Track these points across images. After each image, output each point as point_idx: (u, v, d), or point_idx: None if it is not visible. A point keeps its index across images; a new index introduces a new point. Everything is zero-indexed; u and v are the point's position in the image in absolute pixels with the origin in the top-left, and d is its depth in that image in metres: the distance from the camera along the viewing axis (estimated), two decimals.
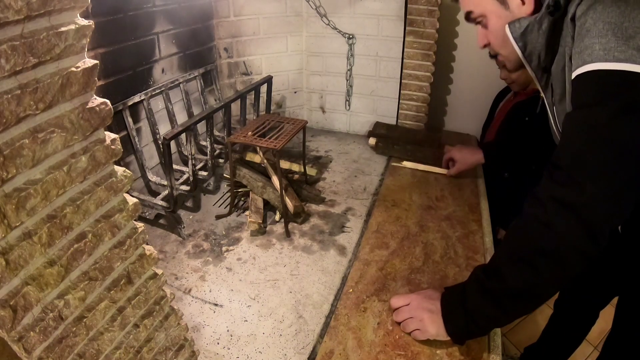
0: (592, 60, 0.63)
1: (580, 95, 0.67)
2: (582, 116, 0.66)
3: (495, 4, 0.82)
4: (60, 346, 0.46)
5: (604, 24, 0.63)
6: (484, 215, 1.19)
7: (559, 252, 0.66)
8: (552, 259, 0.66)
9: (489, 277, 0.73)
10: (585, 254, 0.65)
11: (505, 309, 0.72)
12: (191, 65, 1.37)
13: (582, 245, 0.65)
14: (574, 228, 0.64)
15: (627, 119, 0.61)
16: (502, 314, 0.73)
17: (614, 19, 0.62)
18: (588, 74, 0.64)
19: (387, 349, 0.79)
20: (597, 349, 1.78)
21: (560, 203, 0.65)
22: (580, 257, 0.66)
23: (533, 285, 0.69)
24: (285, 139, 1.11)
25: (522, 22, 0.76)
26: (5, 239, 0.39)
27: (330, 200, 1.29)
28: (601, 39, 0.62)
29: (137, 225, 0.55)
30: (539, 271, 0.67)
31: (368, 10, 1.53)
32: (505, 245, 0.76)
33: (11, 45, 0.36)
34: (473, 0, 0.85)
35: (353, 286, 0.94)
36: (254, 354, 0.80)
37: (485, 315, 0.73)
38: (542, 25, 0.74)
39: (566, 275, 0.67)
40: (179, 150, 1.36)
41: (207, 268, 1.02)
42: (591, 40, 0.64)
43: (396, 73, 1.60)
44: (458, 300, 0.76)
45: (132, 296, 0.56)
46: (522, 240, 0.71)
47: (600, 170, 0.63)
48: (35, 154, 0.40)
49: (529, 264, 0.68)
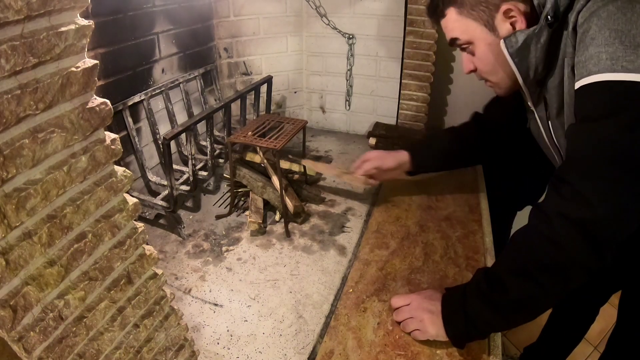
0: (599, 71, 0.60)
1: (587, 107, 0.64)
2: (590, 130, 0.63)
3: (483, 31, 0.78)
4: (60, 346, 0.46)
5: (610, 31, 0.60)
6: (484, 215, 1.19)
7: (565, 268, 0.64)
8: (557, 274, 0.65)
9: (490, 287, 0.72)
10: (591, 270, 0.64)
11: (506, 318, 0.71)
12: (191, 65, 1.37)
13: (589, 261, 0.63)
14: (581, 245, 0.62)
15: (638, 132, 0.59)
16: (503, 321, 0.72)
17: (621, 26, 0.59)
18: (595, 85, 0.61)
19: (387, 349, 0.79)
20: (597, 349, 1.78)
21: (567, 219, 0.63)
22: (585, 272, 0.64)
23: (535, 298, 0.68)
24: (285, 139, 1.11)
25: (519, 37, 0.72)
26: (5, 239, 0.39)
27: (330, 200, 1.29)
28: (608, 47, 0.60)
29: (137, 225, 0.55)
30: (542, 286, 0.66)
31: (368, 10, 1.53)
32: (509, 256, 0.74)
33: (11, 45, 0.36)
34: (459, 26, 0.81)
35: (353, 286, 0.94)
36: (254, 354, 0.80)
37: (486, 321, 0.72)
38: (540, 38, 0.71)
39: (569, 288, 0.66)
40: (179, 150, 1.36)
41: (207, 268, 1.02)
42: (597, 49, 0.61)
43: (396, 73, 1.60)
44: (458, 303, 0.76)
45: (132, 296, 0.56)
46: (526, 254, 0.69)
47: (609, 186, 0.61)
48: (35, 154, 0.40)
49: (532, 279, 0.67)
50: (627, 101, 0.59)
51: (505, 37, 0.74)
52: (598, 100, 0.62)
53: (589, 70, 0.62)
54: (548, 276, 0.66)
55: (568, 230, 0.63)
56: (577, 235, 0.62)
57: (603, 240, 0.62)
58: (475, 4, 0.78)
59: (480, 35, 0.79)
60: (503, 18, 0.76)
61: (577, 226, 0.62)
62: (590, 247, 0.62)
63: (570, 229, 0.63)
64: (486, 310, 0.72)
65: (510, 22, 0.75)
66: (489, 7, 0.76)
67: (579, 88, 0.64)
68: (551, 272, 0.65)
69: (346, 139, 1.74)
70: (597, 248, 0.62)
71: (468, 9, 0.79)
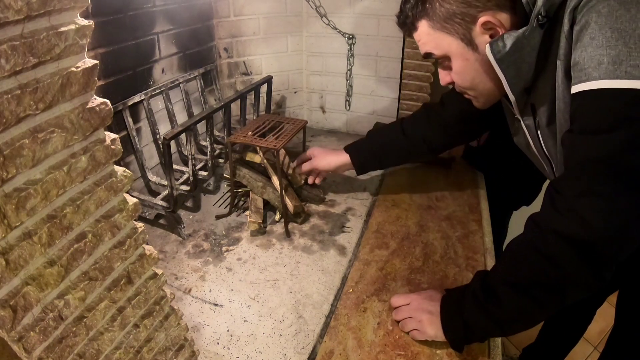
0: (600, 77, 0.54)
1: (586, 117, 0.58)
2: (590, 143, 0.57)
3: (460, 46, 0.71)
4: (60, 346, 0.46)
5: (612, 31, 0.53)
6: (484, 215, 1.19)
7: (560, 286, 0.62)
8: (552, 291, 0.63)
9: (486, 296, 0.70)
10: (590, 289, 0.61)
11: (501, 327, 0.71)
12: (191, 65, 1.37)
13: (586, 282, 0.60)
14: (578, 264, 0.59)
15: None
16: (499, 330, 0.72)
17: (624, 25, 0.53)
18: (595, 92, 0.55)
19: (387, 349, 0.79)
20: (597, 349, 1.78)
21: (562, 237, 0.59)
22: (583, 290, 0.62)
23: (530, 312, 0.67)
24: (285, 139, 1.11)
25: (507, 40, 0.64)
26: (5, 239, 0.39)
27: (330, 200, 1.29)
28: (610, 49, 0.53)
29: (137, 225, 0.55)
30: (537, 301, 0.64)
31: (368, 10, 1.53)
32: (503, 267, 0.72)
33: (11, 45, 0.36)
34: (432, 40, 0.74)
35: (353, 286, 0.94)
36: (254, 354, 0.80)
37: (482, 328, 0.72)
38: (530, 40, 0.63)
39: (566, 303, 0.65)
40: (179, 150, 1.36)
41: (207, 268, 1.02)
42: (597, 50, 0.54)
43: (396, 73, 1.60)
44: (456, 307, 0.75)
45: (132, 296, 0.56)
46: (521, 269, 0.66)
47: (609, 206, 0.56)
48: (35, 154, 0.40)
49: (527, 294, 0.65)
50: (631, 112, 0.53)
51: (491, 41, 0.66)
52: (599, 111, 0.56)
53: (588, 74, 0.56)
54: (543, 292, 0.63)
55: (563, 248, 0.59)
56: (573, 254, 0.59)
57: (602, 261, 0.58)
58: (449, 17, 0.70)
59: (456, 51, 0.72)
60: (482, 30, 0.68)
61: (573, 245, 0.58)
62: (587, 267, 0.59)
63: (566, 247, 0.59)
64: (482, 318, 0.70)
65: (490, 35, 0.68)
66: (464, 19, 0.69)
67: (577, 94, 0.58)
68: (546, 289, 0.63)
69: (346, 139, 1.73)
70: (596, 268, 0.59)
71: (442, 23, 0.71)
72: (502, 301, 0.68)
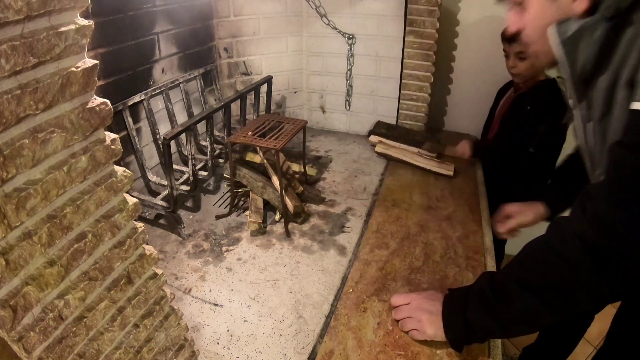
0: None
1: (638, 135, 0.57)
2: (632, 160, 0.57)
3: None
4: (60, 346, 0.46)
5: None
6: (484, 215, 1.19)
7: (572, 290, 0.63)
8: (563, 294, 0.64)
9: (495, 295, 0.70)
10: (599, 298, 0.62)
11: (505, 328, 0.71)
12: (191, 65, 1.37)
13: (599, 291, 0.61)
14: (594, 274, 0.60)
15: None
16: (502, 331, 0.72)
17: None
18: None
19: (387, 349, 0.79)
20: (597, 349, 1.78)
21: (583, 242, 0.60)
22: (593, 299, 0.63)
23: (538, 314, 0.67)
24: (285, 139, 1.11)
25: (571, 25, 0.63)
26: (5, 239, 0.39)
27: (330, 200, 1.29)
28: None
29: (137, 225, 0.55)
30: (547, 303, 0.65)
31: (368, 10, 1.53)
32: (518, 267, 0.72)
33: (11, 45, 0.36)
34: None
35: (353, 286, 0.94)
36: (254, 354, 0.80)
37: (484, 328, 0.72)
38: (594, 32, 0.61)
39: (574, 310, 0.65)
40: (179, 150, 1.36)
41: (207, 268, 1.02)
42: None
43: (396, 73, 1.60)
44: (459, 307, 0.75)
45: (132, 296, 0.56)
46: (537, 270, 0.67)
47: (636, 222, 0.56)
48: (35, 154, 0.40)
49: (539, 296, 0.65)
50: None
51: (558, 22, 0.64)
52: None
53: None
54: (554, 294, 0.64)
55: (582, 253, 0.60)
56: (590, 260, 0.59)
57: (616, 272, 0.59)
58: None
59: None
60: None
61: (592, 251, 0.59)
62: (601, 276, 0.60)
63: (585, 252, 0.60)
64: (487, 317, 0.71)
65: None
66: None
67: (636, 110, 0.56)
68: (558, 291, 0.64)
69: (346, 139, 1.74)
70: (610, 279, 0.60)
71: None
72: (511, 300, 0.68)
